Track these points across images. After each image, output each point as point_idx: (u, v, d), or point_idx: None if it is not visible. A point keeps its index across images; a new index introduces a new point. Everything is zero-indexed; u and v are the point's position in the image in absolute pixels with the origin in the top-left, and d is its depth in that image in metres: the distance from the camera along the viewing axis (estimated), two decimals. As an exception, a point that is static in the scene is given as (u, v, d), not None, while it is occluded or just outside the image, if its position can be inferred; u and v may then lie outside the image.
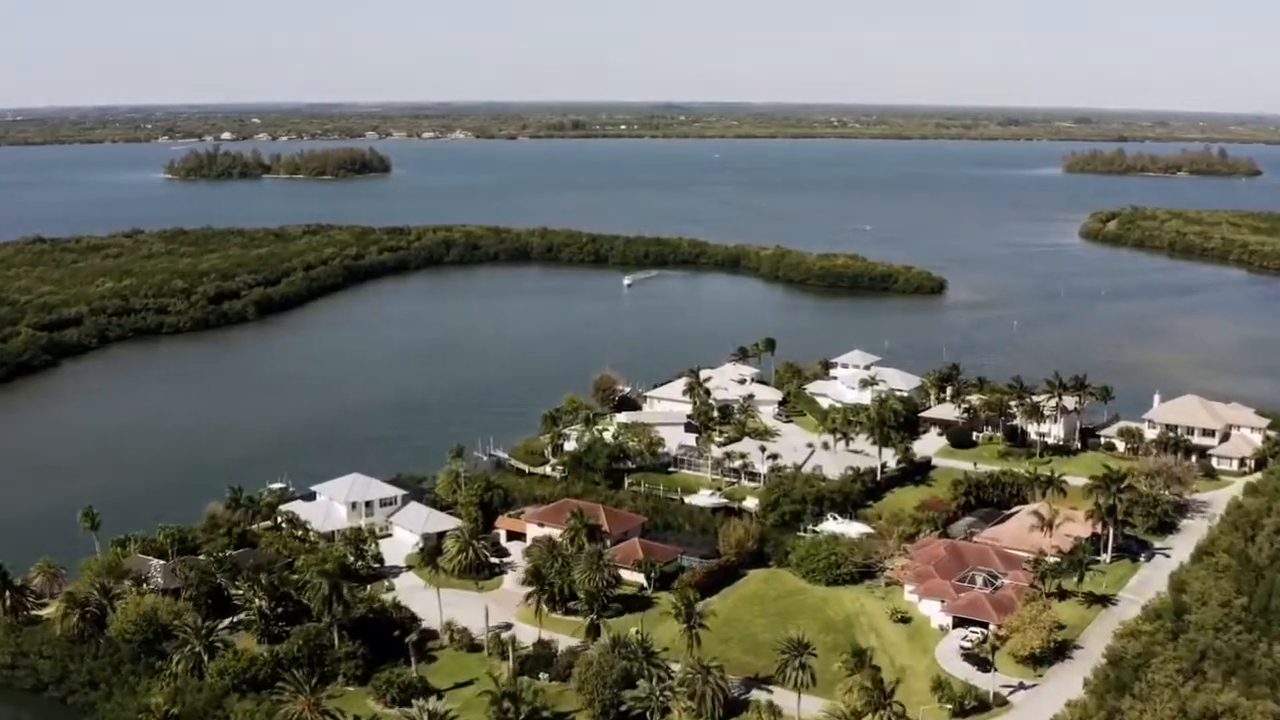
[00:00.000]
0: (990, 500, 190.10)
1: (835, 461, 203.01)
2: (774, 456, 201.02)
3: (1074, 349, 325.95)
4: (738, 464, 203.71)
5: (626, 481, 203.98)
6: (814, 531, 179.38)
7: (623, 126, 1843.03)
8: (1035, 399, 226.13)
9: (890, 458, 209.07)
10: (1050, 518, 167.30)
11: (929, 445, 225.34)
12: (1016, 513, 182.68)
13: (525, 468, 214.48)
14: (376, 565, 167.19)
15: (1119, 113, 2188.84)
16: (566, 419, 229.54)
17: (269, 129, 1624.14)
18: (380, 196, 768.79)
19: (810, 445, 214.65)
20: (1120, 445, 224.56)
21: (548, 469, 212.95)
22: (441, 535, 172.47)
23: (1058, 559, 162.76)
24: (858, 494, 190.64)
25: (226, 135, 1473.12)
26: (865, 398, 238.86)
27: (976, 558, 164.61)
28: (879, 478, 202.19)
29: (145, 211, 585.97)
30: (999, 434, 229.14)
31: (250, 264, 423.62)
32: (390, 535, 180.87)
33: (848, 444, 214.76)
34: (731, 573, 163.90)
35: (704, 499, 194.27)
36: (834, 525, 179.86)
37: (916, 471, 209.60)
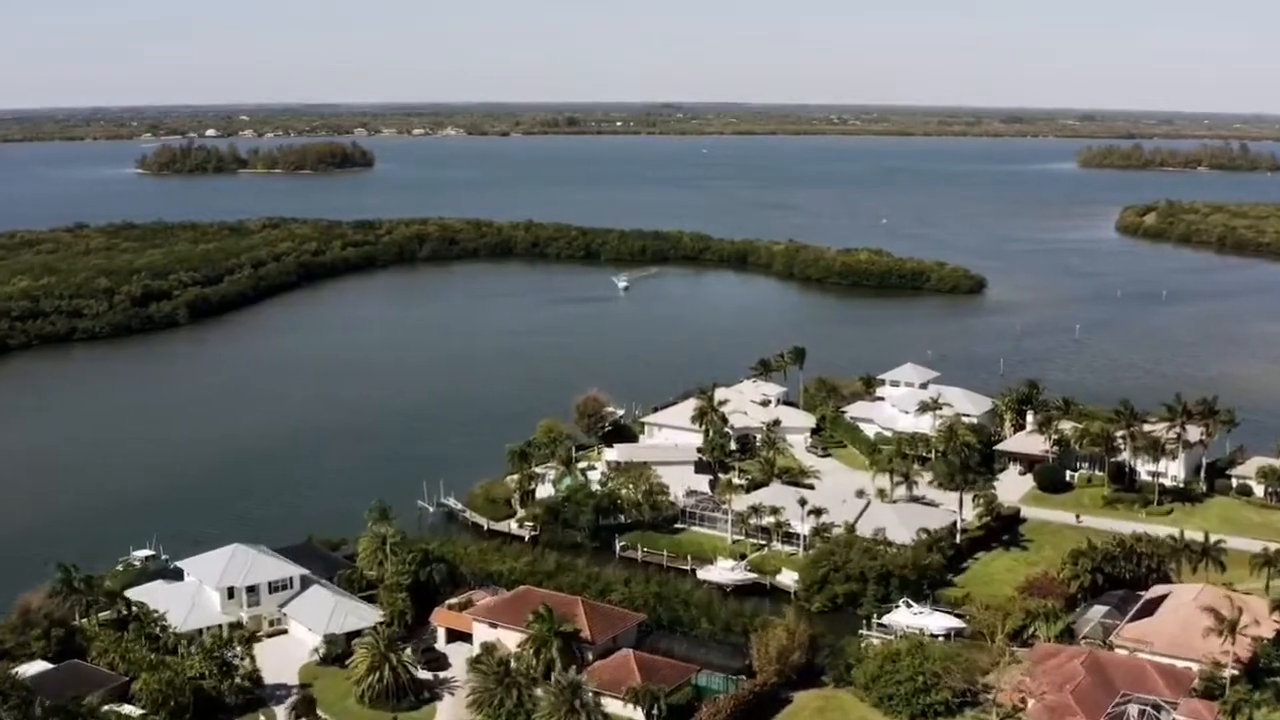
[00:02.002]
0: (1120, 576, 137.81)
1: (899, 517, 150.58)
2: (817, 511, 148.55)
3: (1144, 359, 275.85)
4: (768, 520, 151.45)
5: (617, 544, 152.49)
6: (880, 625, 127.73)
7: (618, 124, 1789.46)
8: (1149, 428, 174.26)
9: (969, 509, 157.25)
10: (1235, 618, 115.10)
11: (1011, 488, 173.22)
12: (1164, 598, 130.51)
13: (485, 522, 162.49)
14: (250, 687, 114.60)
15: (1121, 112, 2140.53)
16: (541, 454, 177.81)
17: (256, 126, 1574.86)
18: (359, 191, 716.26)
19: (861, 493, 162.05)
20: (1258, 488, 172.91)
21: (513, 524, 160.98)
22: (352, 637, 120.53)
23: (1237, 672, 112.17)
24: (936, 566, 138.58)
25: (211, 132, 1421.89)
26: (924, 425, 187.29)
27: (1129, 677, 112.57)
28: (958, 539, 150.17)
29: (104, 207, 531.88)
30: (1101, 473, 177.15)
31: (193, 260, 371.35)
32: (285, 631, 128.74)
33: (909, 489, 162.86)
34: (770, 698, 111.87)
35: (723, 572, 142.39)
36: (908, 616, 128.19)
37: (1005, 528, 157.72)
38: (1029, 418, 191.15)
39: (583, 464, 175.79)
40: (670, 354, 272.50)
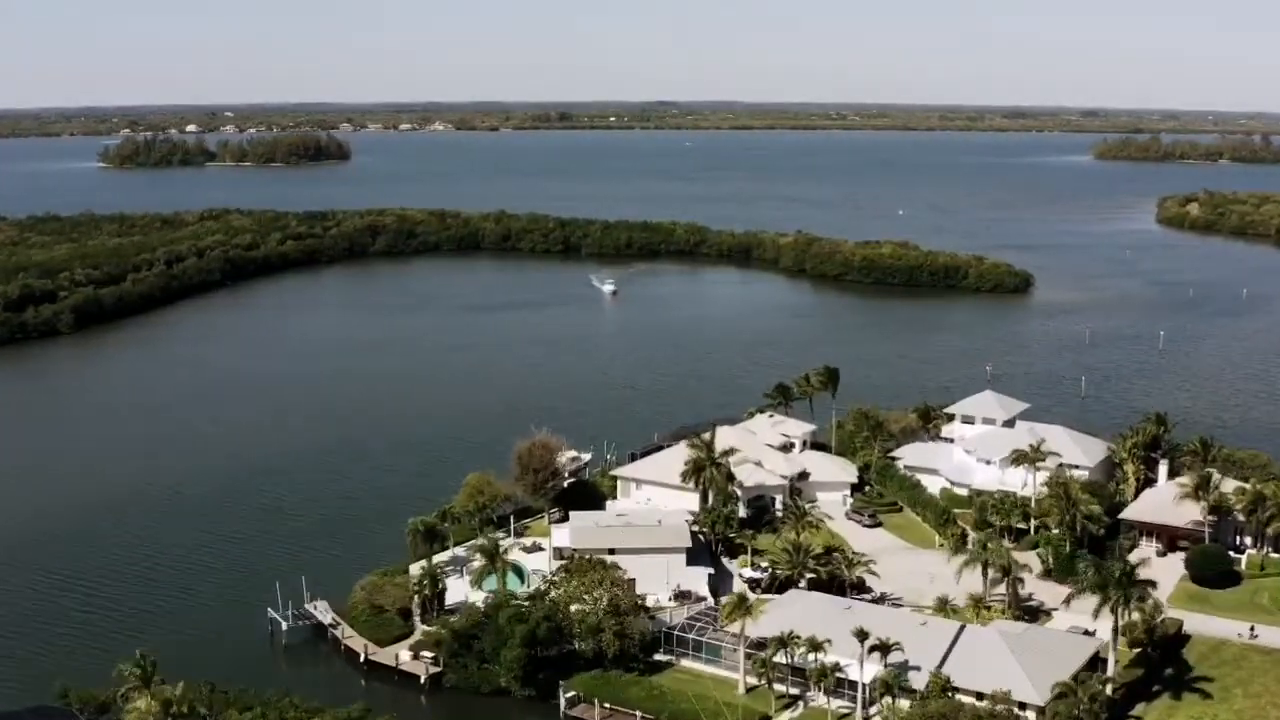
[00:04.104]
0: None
1: (1014, 652, 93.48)
2: (885, 648, 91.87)
3: (1250, 379, 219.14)
4: (806, 658, 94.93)
5: (562, 695, 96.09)
6: None
7: (612, 119, 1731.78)
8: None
9: (1113, 622, 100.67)
10: None
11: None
12: None
13: (364, 648, 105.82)
14: None
15: (1123, 110, 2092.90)
16: (463, 530, 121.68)
17: (239, 122, 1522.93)
18: (326, 182, 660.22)
19: (945, 605, 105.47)
20: None
21: (405, 654, 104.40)
22: None
23: None
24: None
25: (192, 128, 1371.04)
26: (1013, 480, 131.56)
27: None
28: (1111, 689, 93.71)
29: (44, 199, 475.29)
30: (1277, 554, 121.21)
31: (98, 256, 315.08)
32: None
33: (1012, 590, 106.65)
34: None
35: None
36: None
37: (1167, 657, 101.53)
38: (1161, 469, 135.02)
39: (525, 542, 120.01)
40: (660, 375, 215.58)
